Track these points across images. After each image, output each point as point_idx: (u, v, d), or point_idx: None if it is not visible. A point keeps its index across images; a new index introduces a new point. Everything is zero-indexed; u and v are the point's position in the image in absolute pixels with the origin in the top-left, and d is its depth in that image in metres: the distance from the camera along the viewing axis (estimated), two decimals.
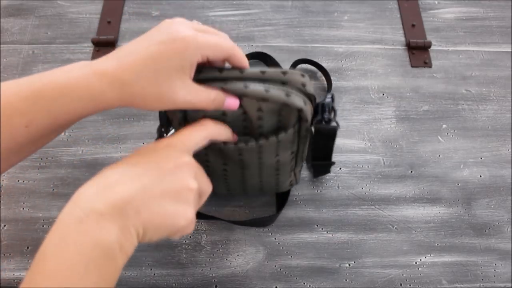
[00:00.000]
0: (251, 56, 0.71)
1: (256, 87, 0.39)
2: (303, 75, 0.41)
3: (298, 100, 0.41)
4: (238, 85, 0.39)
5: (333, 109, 0.50)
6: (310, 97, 0.43)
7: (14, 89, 0.36)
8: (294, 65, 0.70)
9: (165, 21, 0.38)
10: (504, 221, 0.61)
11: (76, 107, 0.36)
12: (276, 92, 0.40)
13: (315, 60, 0.72)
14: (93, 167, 0.63)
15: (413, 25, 0.76)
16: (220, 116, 0.42)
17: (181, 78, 0.37)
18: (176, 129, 0.45)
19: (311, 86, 0.42)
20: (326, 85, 0.70)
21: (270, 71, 0.40)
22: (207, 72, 0.40)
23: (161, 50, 0.36)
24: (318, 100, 0.55)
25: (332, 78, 0.71)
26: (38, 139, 0.38)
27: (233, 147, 0.45)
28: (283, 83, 0.41)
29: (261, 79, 0.40)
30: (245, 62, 0.41)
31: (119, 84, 0.36)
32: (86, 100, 0.36)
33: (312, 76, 0.71)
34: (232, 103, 0.40)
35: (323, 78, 0.71)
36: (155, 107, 0.38)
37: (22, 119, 0.36)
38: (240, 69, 0.40)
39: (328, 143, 0.53)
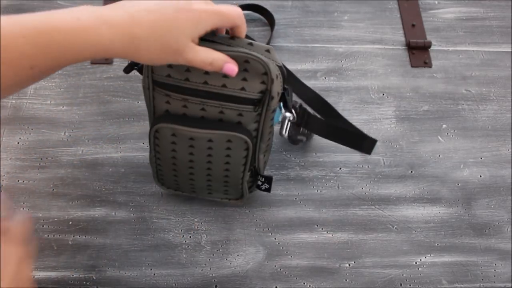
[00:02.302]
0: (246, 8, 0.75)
1: (221, 45, 0.43)
2: (268, 50, 0.44)
3: (260, 55, 0.43)
4: (206, 42, 0.43)
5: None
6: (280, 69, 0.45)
7: (19, 30, 0.36)
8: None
9: None
10: (504, 221, 0.61)
11: (83, 54, 0.38)
12: (239, 47, 0.43)
13: (316, 60, 0.72)
14: (93, 167, 0.63)
15: (413, 25, 0.76)
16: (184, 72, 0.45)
17: (187, 42, 0.40)
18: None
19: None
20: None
21: (239, 39, 0.44)
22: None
23: (177, 17, 0.39)
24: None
25: (332, 78, 0.71)
26: (40, 77, 0.39)
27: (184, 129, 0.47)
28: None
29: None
30: (243, 33, 0.44)
31: (129, 37, 0.38)
32: (94, 49, 0.38)
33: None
34: (230, 68, 0.42)
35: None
36: (156, 59, 0.40)
37: (28, 62, 0.37)
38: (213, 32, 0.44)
39: None
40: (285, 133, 0.55)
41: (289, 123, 0.55)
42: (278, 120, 0.52)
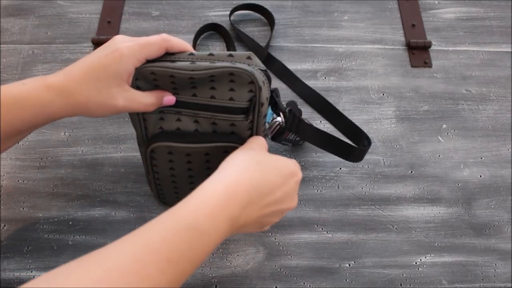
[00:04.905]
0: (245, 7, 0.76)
1: (203, 62, 0.42)
2: (249, 57, 0.44)
3: (244, 66, 0.42)
4: (186, 63, 0.42)
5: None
6: (265, 73, 0.45)
7: None
8: (234, 10, 0.75)
9: (111, 38, 0.43)
10: (504, 221, 0.61)
11: (28, 115, 0.41)
12: (222, 63, 0.42)
13: (316, 60, 0.72)
14: (93, 167, 0.63)
15: (413, 25, 0.76)
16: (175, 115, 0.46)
17: (119, 85, 0.41)
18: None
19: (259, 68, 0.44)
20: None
21: (218, 53, 0.43)
22: (161, 57, 0.43)
23: (100, 60, 0.41)
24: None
25: (332, 78, 0.71)
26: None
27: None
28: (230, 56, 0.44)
29: (209, 59, 0.43)
30: (184, 45, 0.44)
31: (66, 94, 0.41)
32: (37, 109, 0.41)
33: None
34: (170, 99, 0.44)
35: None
36: (99, 114, 0.43)
37: None
38: (191, 52, 0.44)
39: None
40: (270, 134, 0.55)
41: (278, 127, 0.55)
42: (269, 121, 0.52)
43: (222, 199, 0.38)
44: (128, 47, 0.41)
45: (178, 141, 0.46)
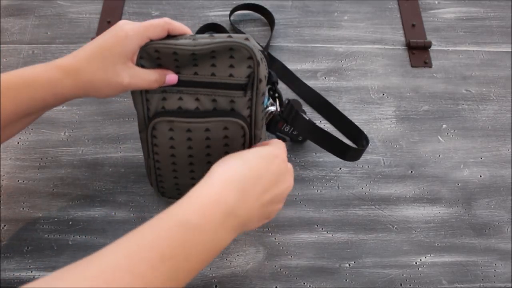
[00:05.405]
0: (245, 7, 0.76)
1: (203, 39, 0.45)
2: (247, 39, 0.46)
3: (243, 41, 0.45)
4: (188, 40, 0.45)
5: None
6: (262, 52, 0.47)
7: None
8: (234, 10, 0.75)
9: (116, 23, 0.45)
10: (504, 221, 0.61)
11: (38, 95, 0.44)
12: (220, 39, 0.45)
13: (316, 60, 0.72)
14: (93, 167, 0.63)
15: (413, 25, 0.76)
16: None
17: (124, 63, 0.44)
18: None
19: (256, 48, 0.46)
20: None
21: (217, 35, 0.46)
22: (163, 38, 0.46)
23: (106, 41, 0.44)
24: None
25: (332, 78, 0.71)
26: (6, 126, 0.45)
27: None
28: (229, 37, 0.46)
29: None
30: (185, 29, 0.47)
31: (74, 72, 0.43)
32: (47, 89, 0.44)
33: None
34: (172, 78, 0.46)
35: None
36: (105, 92, 0.45)
37: None
38: (192, 34, 0.47)
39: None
40: (264, 124, 0.55)
41: (271, 115, 0.56)
42: (266, 104, 0.54)
43: (212, 193, 0.39)
44: (132, 28, 0.44)
45: (179, 116, 0.48)
